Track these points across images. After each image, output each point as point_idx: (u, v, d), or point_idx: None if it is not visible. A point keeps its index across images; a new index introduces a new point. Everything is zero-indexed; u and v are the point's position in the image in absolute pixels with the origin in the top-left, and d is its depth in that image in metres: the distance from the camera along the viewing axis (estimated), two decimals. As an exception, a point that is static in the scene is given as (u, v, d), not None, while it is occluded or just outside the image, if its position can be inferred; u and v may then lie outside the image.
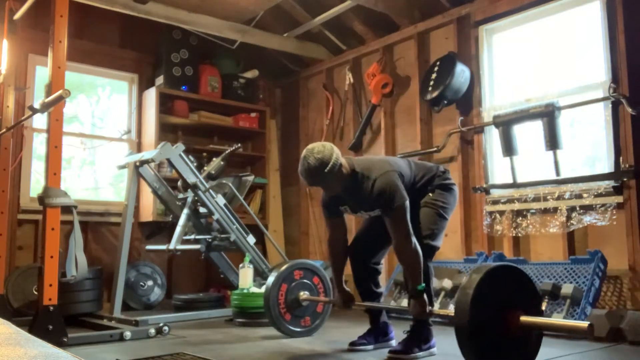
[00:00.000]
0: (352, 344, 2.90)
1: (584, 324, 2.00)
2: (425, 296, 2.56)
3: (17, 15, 3.83)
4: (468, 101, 4.26)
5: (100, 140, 5.10)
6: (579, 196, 3.52)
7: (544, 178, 3.74)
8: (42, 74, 4.53)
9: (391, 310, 2.80)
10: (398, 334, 2.96)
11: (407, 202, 2.59)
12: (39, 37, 4.27)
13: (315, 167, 2.54)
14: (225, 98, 5.40)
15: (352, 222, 4.64)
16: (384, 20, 4.83)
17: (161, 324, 3.42)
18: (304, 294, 3.30)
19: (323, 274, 3.45)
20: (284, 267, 3.30)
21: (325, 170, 2.54)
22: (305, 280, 3.35)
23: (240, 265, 4.04)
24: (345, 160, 2.69)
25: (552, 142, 3.58)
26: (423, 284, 2.56)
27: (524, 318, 2.07)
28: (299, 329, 3.31)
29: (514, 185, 3.86)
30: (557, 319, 3.09)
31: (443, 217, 2.81)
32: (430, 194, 2.81)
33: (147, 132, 5.03)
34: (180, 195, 4.35)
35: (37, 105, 2.65)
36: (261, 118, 5.62)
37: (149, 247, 4.55)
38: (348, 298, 2.95)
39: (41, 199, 3.02)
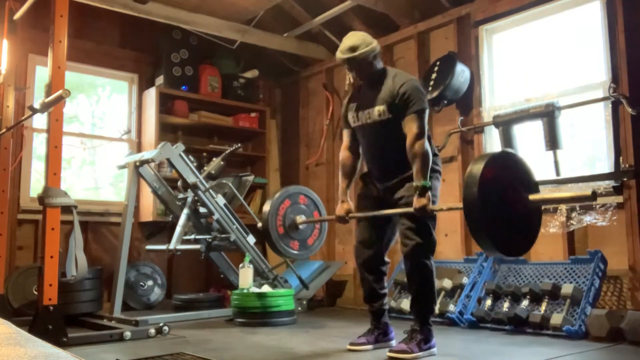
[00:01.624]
0: (352, 344, 2.90)
1: (587, 191, 2.13)
2: (429, 192, 2.63)
3: (17, 15, 3.83)
4: (468, 101, 4.26)
5: (100, 140, 5.10)
6: (579, 196, 3.52)
7: (544, 178, 3.73)
8: (42, 74, 4.53)
9: (390, 214, 2.83)
10: (398, 334, 2.96)
11: (428, 110, 2.77)
12: (39, 37, 4.27)
13: (359, 43, 2.78)
14: (225, 98, 5.39)
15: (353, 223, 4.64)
16: (384, 20, 4.83)
17: (161, 324, 3.42)
18: (300, 218, 3.30)
19: (311, 193, 3.48)
20: (274, 198, 3.29)
21: (366, 48, 2.78)
22: (299, 205, 3.37)
23: (240, 265, 4.05)
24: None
25: (552, 142, 3.58)
26: (429, 181, 2.64)
27: (532, 196, 2.20)
28: (298, 251, 3.33)
29: (514, 185, 3.86)
30: (561, 193, 3.12)
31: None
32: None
33: (147, 132, 5.03)
34: (180, 195, 4.35)
35: (37, 105, 2.65)
36: (261, 118, 5.62)
37: (149, 247, 4.55)
38: (348, 209, 2.97)
39: (41, 199, 3.02)
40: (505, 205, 2.17)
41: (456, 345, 3.08)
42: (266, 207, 3.27)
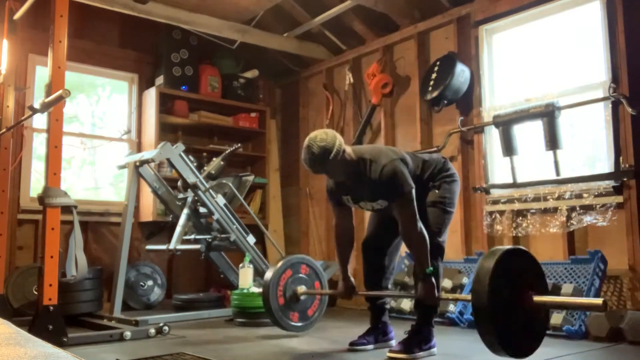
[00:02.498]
0: (352, 343, 2.91)
1: (599, 300, 2.05)
2: (433, 279, 2.59)
3: (17, 15, 3.83)
4: (468, 101, 4.26)
5: (100, 140, 5.10)
6: (579, 196, 3.52)
7: (544, 178, 3.74)
8: (42, 74, 4.53)
9: (395, 297, 2.83)
10: (398, 334, 2.96)
11: (414, 190, 2.63)
12: (39, 37, 4.27)
13: (319, 155, 2.56)
14: (225, 98, 5.39)
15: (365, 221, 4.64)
16: (384, 20, 4.83)
17: (161, 324, 3.42)
18: (301, 288, 3.30)
19: (313, 263, 3.46)
20: (277, 267, 3.28)
21: (330, 157, 2.56)
22: (300, 275, 3.36)
23: (240, 265, 4.05)
24: (350, 147, 2.72)
25: (552, 142, 3.58)
26: (431, 268, 2.59)
27: (537, 298, 2.16)
28: (300, 324, 3.32)
29: (514, 185, 3.86)
30: (569, 298, 3.11)
31: (449, 212, 2.85)
32: (436, 191, 2.82)
33: (147, 132, 5.03)
34: (180, 195, 4.35)
35: (37, 105, 2.65)
36: (261, 118, 5.62)
37: (149, 247, 4.55)
38: (351, 288, 2.96)
39: (41, 199, 3.02)
40: (512, 306, 2.13)
41: (456, 345, 3.08)
42: (268, 275, 3.24)
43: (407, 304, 3.97)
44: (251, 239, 4.35)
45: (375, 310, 2.99)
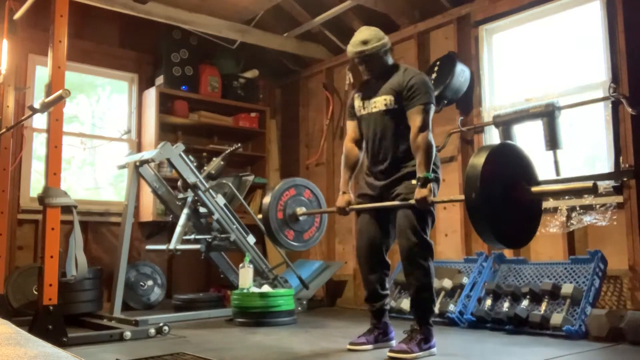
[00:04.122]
0: (352, 343, 2.90)
1: (589, 183, 2.17)
2: (431, 184, 2.65)
3: (17, 15, 3.83)
4: (468, 101, 4.26)
5: (100, 140, 5.10)
6: (579, 196, 3.52)
7: (544, 178, 3.73)
8: (42, 74, 4.53)
9: (390, 207, 2.84)
10: (398, 333, 2.96)
11: (434, 106, 2.82)
12: (39, 37, 4.27)
13: (370, 38, 2.84)
14: (225, 98, 5.39)
15: (353, 221, 4.64)
16: (384, 20, 4.82)
17: (161, 324, 3.42)
18: (301, 209, 3.29)
19: (317, 191, 3.46)
20: (278, 186, 3.29)
21: (377, 43, 2.83)
22: (303, 198, 3.36)
23: (240, 265, 4.05)
24: None
25: (552, 142, 3.58)
26: (431, 173, 2.66)
27: (535, 188, 2.22)
28: (294, 243, 3.32)
29: (514, 185, 3.86)
30: (561, 184, 3.14)
31: (433, 213, 2.84)
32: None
33: (147, 132, 5.03)
34: (180, 195, 4.35)
35: (37, 105, 2.65)
36: (261, 118, 5.62)
37: (149, 247, 4.55)
38: (348, 201, 2.98)
39: (41, 198, 3.02)
40: (506, 198, 2.18)
41: (456, 345, 3.08)
42: (267, 198, 3.25)
43: (407, 304, 3.97)
44: (251, 239, 4.35)
45: (376, 311, 2.99)
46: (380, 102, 2.87)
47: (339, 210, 3.00)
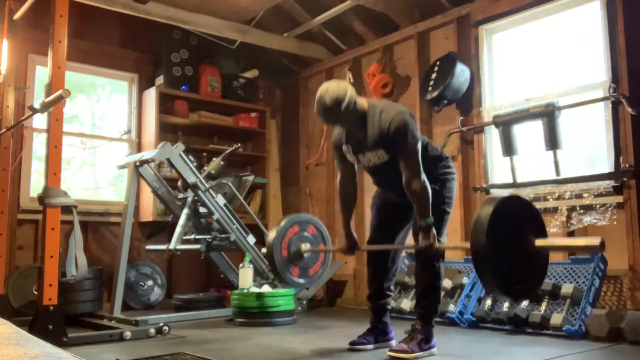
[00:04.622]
0: (352, 343, 2.90)
1: (596, 240, 2.07)
2: (433, 230, 2.62)
3: (17, 15, 3.83)
4: (468, 101, 4.26)
5: (100, 140, 5.10)
6: (579, 196, 3.52)
7: (544, 178, 3.74)
8: (42, 74, 4.53)
9: (398, 248, 2.84)
10: (398, 333, 2.96)
11: (420, 143, 2.70)
12: (39, 37, 4.27)
13: (332, 106, 2.62)
14: (225, 98, 5.39)
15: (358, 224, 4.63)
16: (384, 20, 4.83)
17: (161, 324, 3.42)
18: (305, 246, 3.29)
19: (320, 226, 3.46)
20: (282, 223, 3.28)
21: (342, 108, 2.62)
22: (307, 234, 3.36)
23: (240, 265, 4.05)
24: (362, 98, 2.76)
25: (552, 142, 3.58)
26: (432, 218, 2.61)
27: (539, 241, 2.18)
28: (300, 280, 3.32)
29: (514, 185, 3.86)
30: (568, 239, 3.12)
31: (448, 212, 2.87)
32: (437, 188, 2.82)
33: (147, 132, 5.03)
34: (180, 195, 4.35)
35: (37, 105, 2.65)
36: (261, 118, 5.62)
37: (149, 247, 4.55)
38: (353, 243, 2.97)
39: (41, 198, 3.02)
40: (512, 250, 2.15)
41: (456, 345, 3.08)
42: (272, 233, 3.25)
43: (407, 304, 3.97)
44: (251, 239, 4.35)
45: (376, 310, 2.99)
46: (374, 157, 2.79)
47: (344, 251, 3.00)
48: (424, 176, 2.65)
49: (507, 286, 2.14)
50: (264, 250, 3.32)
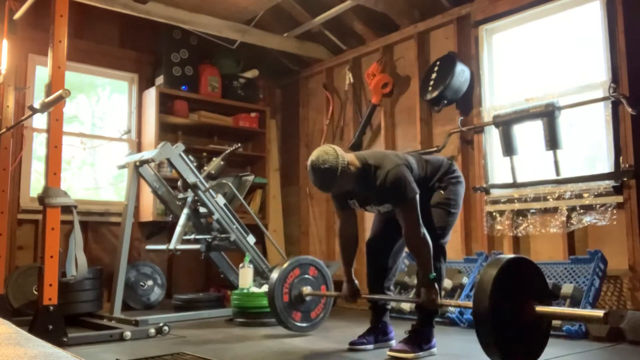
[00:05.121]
0: (352, 343, 2.91)
1: (599, 312, 2.05)
2: (436, 285, 2.61)
3: (17, 15, 3.83)
4: (468, 101, 4.26)
5: (100, 140, 5.10)
6: (579, 196, 3.52)
7: (544, 178, 3.74)
8: (42, 74, 4.53)
9: (398, 301, 2.83)
10: (398, 333, 2.96)
11: (418, 195, 2.65)
12: (39, 37, 4.27)
13: (327, 177, 2.59)
14: (225, 98, 5.39)
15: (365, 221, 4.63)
16: (384, 20, 4.83)
17: (161, 324, 3.42)
18: (307, 289, 3.30)
19: (322, 266, 3.44)
20: (283, 266, 3.29)
21: (336, 177, 2.58)
22: (308, 276, 3.35)
23: (240, 265, 4.05)
24: (352, 156, 2.72)
25: (552, 142, 3.58)
26: (434, 273, 2.61)
27: (539, 308, 2.15)
28: (302, 324, 3.32)
29: (514, 185, 3.86)
30: (571, 309, 3.10)
31: (453, 214, 2.86)
32: (442, 192, 2.82)
33: (147, 132, 5.03)
34: (180, 195, 4.35)
35: (37, 105, 2.65)
36: (261, 118, 5.62)
37: (149, 247, 4.55)
38: (355, 290, 2.96)
39: (41, 198, 3.02)
40: (513, 315, 2.13)
41: (456, 345, 3.08)
42: (275, 273, 3.25)
43: (407, 304, 3.97)
44: (251, 239, 4.35)
45: (377, 310, 2.99)
46: (383, 209, 2.83)
47: (346, 299, 2.99)
48: (423, 229, 2.64)
49: (507, 351, 2.11)
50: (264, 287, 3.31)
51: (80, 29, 4.85)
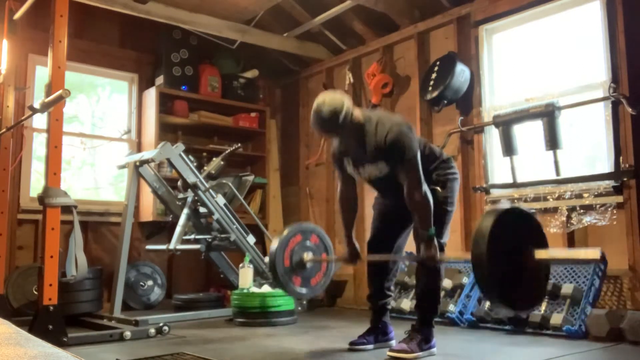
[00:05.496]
0: (352, 343, 2.91)
1: (596, 251, 2.09)
2: (435, 241, 2.61)
3: (17, 15, 3.83)
4: (468, 101, 4.26)
5: (100, 140, 5.10)
6: (579, 196, 3.52)
7: (544, 178, 3.74)
8: (42, 74, 4.53)
9: (399, 260, 2.82)
10: (398, 333, 2.96)
11: (419, 154, 2.65)
12: (39, 37, 4.27)
13: (329, 118, 2.57)
14: (225, 98, 5.39)
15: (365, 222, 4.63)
16: (384, 20, 4.83)
17: (161, 324, 3.42)
18: (308, 255, 3.29)
19: (323, 235, 3.43)
20: (285, 232, 3.27)
21: (339, 120, 2.58)
22: (309, 244, 3.34)
23: (240, 265, 4.05)
24: (358, 110, 2.72)
25: (552, 141, 3.58)
26: (434, 229, 2.60)
27: (538, 252, 2.16)
28: (302, 290, 3.31)
29: (514, 185, 3.86)
30: (568, 250, 3.12)
31: (450, 212, 2.86)
32: (440, 189, 2.82)
33: (147, 132, 5.03)
34: (180, 195, 4.35)
35: (37, 105, 2.65)
36: (261, 118, 5.62)
37: (149, 247, 4.55)
38: (355, 252, 2.95)
39: (41, 198, 3.02)
40: (513, 262, 2.15)
41: (456, 345, 3.08)
42: (274, 243, 3.24)
43: (407, 304, 3.97)
44: (251, 239, 4.35)
45: (377, 310, 2.99)
46: (374, 170, 2.78)
47: (347, 261, 2.98)
48: (425, 187, 2.63)
49: (508, 297, 2.13)
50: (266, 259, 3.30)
51: (80, 29, 4.85)
